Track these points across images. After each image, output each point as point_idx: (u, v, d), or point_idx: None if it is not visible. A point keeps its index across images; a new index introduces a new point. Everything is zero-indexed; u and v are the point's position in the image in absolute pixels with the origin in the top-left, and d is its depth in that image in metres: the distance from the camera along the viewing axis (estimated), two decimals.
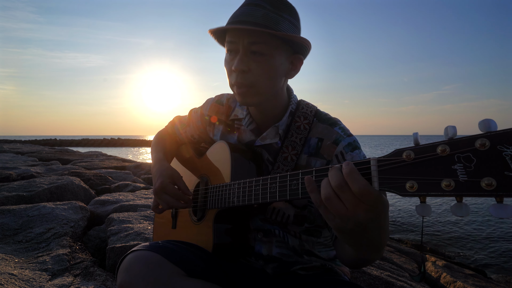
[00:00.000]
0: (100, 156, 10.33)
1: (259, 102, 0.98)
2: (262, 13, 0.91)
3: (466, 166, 0.50)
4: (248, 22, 0.90)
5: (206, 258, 0.93)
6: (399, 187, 0.57)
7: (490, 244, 5.67)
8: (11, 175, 4.16)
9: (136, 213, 2.61)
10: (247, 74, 0.92)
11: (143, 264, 0.83)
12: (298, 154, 1.00)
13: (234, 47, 0.94)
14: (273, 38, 0.91)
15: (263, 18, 0.90)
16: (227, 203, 0.95)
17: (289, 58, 0.98)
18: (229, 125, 1.16)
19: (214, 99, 1.21)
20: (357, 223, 0.62)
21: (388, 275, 2.17)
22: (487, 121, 0.49)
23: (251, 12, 0.91)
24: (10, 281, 1.44)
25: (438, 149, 0.53)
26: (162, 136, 1.34)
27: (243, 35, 0.91)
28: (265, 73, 0.93)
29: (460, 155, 0.51)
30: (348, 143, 0.96)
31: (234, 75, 0.94)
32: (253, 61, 0.92)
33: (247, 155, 1.04)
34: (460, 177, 0.51)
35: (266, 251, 1.01)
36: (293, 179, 0.76)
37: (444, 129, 0.54)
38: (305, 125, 1.02)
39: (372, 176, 0.61)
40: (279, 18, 0.92)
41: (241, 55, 0.92)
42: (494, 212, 0.48)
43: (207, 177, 1.11)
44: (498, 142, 0.48)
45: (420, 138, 0.56)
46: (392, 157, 0.59)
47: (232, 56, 0.95)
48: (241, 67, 0.91)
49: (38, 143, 38.60)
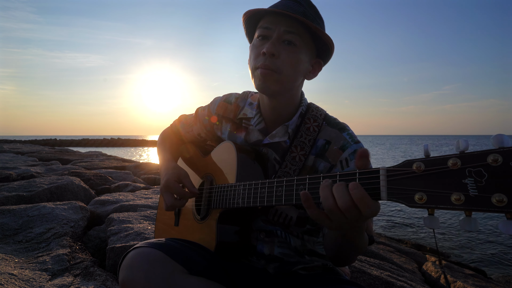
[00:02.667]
0: (100, 156, 10.34)
1: (277, 90, 0.99)
2: (302, 10, 0.96)
3: (477, 181, 0.50)
4: (286, 13, 0.94)
5: (208, 257, 0.93)
6: (408, 198, 0.57)
7: (490, 244, 5.67)
8: (11, 175, 4.16)
9: (136, 213, 2.61)
10: (276, 59, 0.95)
11: (146, 261, 0.83)
12: (306, 154, 1.00)
13: (268, 32, 0.97)
14: (306, 33, 0.97)
15: (301, 13, 0.95)
16: (231, 203, 0.95)
17: (311, 60, 1.03)
18: (237, 124, 1.16)
19: (222, 98, 1.21)
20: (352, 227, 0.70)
21: (388, 275, 2.17)
22: (500, 137, 0.49)
23: (292, 6, 0.96)
24: (10, 281, 1.44)
25: (449, 162, 0.52)
26: (168, 134, 1.34)
27: (280, 22, 0.96)
28: (291, 63, 0.96)
29: (472, 169, 0.50)
30: (354, 150, 0.97)
31: (261, 58, 0.96)
32: (283, 49, 0.96)
33: (253, 156, 1.04)
34: (471, 191, 0.50)
35: (268, 251, 1.02)
36: (300, 183, 0.76)
37: (456, 142, 0.53)
38: (314, 127, 1.03)
39: (381, 186, 0.60)
40: (316, 17, 0.99)
41: (274, 40, 0.96)
42: (504, 228, 0.47)
43: (212, 176, 1.11)
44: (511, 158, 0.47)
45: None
46: (401, 168, 0.59)
47: (264, 41, 0.98)
48: (272, 51, 0.94)
49: (38, 143, 38.60)
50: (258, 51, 0.97)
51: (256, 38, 1.01)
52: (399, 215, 7.50)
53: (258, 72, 0.97)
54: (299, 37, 0.96)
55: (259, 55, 0.97)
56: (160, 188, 1.06)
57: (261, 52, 0.96)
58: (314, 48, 1.02)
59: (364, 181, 0.64)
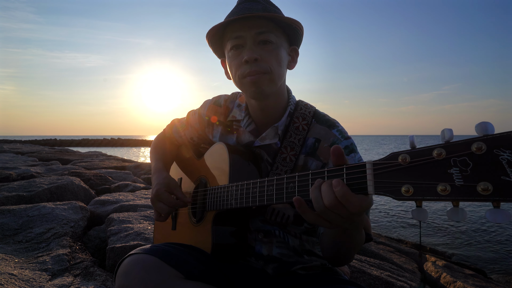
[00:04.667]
0: (100, 156, 10.33)
1: (272, 91, 0.99)
2: (262, 6, 0.96)
3: (462, 170, 0.49)
4: (251, 16, 0.93)
5: (205, 260, 0.93)
6: (395, 191, 0.57)
7: (490, 244, 5.67)
8: (11, 175, 4.16)
9: (136, 213, 2.61)
10: (260, 62, 0.94)
11: (141, 268, 0.83)
12: (296, 155, 1.00)
13: (240, 41, 0.96)
14: (275, 26, 0.97)
15: (263, 10, 0.94)
16: (225, 205, 0.95)
17: (288, 49, 1.03)
18: (228, 126, 1.16)
19: (212, 101, 1.21)
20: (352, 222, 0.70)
21: (388, 275, 2.17)
22: (484, 124, 0.48)
23: (250, 6, 0.95)
24: (10, 281, 1.44)
25: (434, 153, 0.52)
26: (162, 140, 1.34)
27: (249, 27, 0.94)
28: (276, 60, 0.96)
29: (456, 159, 0.50)
30: (345, 146, 0.97)
31: (246, 67, 0.95)
32: (262, 50, 0.95)
33: (245, 156, 1.04)
34: (456, 181, 0.50)
35: (266, 252, 1.02)
36: (290, 181, 0.76)
37: (441, 132, 0.53)
38: (303, 126, 1.03)
39: (368, 180, 0.60)
40: (276, 10, 0.99)
41: (250, 45, 0.95)
42: (491, 217, 0.47)
43: (206, 178, 1.11)
44: (495, 145, 0.47)
45: (418, 139, 0.56)
46: (387, 161, 0.58)
47: (239, 50, 0.97)
48: (254, 56, 0.93)
49: (38, 143, 38.60)
50: (239, 61, 0.96)
51: (230, 50, 0.99)
52: (400, 215, 7.50)
53: (247, 80, 0.96)
54: (271, 33, 0.95)
55: (241, 65, 0.96)
56: (151, 199, 1.06)
57: (242, 61, 0.94)
58: (286, 37, 1.02)
59: (351, 175, 0.63)
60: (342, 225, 0.69)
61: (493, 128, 0.48)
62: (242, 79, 0.97)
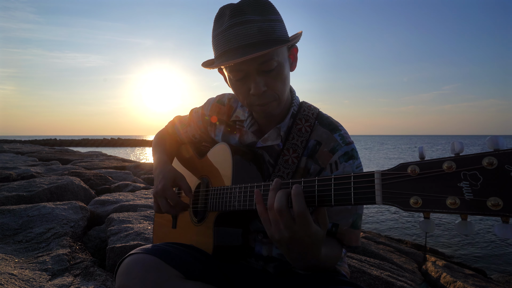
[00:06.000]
0: (100, 156, 10.33)
1: (281, 110, 1.00)
2: (256, 28, 0.86)
3: (472, 184, 0.49)
4: (249, 45, 0.86)
5: (205, 260, 0.93)
6: (403, 202, 0.56)
7: (490, 244, 5.67)
8: (11, 175, 4.16)
9: (136, 213, 2.61)
10: (268, 92, 0.92)
11: (141, 267, 0.83)
12: (299, 157, 0.99)
13: (244, 73, 0.91)
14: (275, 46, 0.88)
15: (260, 34, 0.86)
16: (227, 206, 0.94)
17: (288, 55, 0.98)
18: (230, 126, 1.15)
19: (215, 99, 1.21)
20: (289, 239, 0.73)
21: (388, 275, 2.17)
22: (495, 138, 0.48)
23: (245, 31, 0.86)
24: (10, 281, 1.44)
25: (444, 166, 0.52)
26: (163, 136, 1.33)
27: (252, 60, 0.88)
28: (282, 84, 0.94)
29: (467, 172, 0.50)
30: (344, 152, 0.96)
31: (254, 98, 0.93)
32: (267, 77, 0.91)
33: (248, 157, 1.03)
34: (466, 195, 0.49)
35: (266, 252, 1.02)
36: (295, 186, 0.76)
37: (451, 144, 0.52)
38: (306, 128, 1.02)
39: (376, 189, 0.60)
40: (271, 24, 0.89)
41: (255, 77, 0.90)
42: (499, 232, 0.47)
43: (208, 178, 1.10)
44: (506, 161, 0.47)
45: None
46: (396, 171, 0.58)
47: (244, 81, 0.93)
48: (261, 90, 0.90)
49: (38, 143, 38.60)
50: (245, 91, 0.93)
51: (231, 78, 0.94)
52: (399, 215, 7.50)
53: (257, 109, 0.96)
54: (274, 60, 0.89)
55: (247, 95, 0.94)
56: (156, 192, 1.02)
57: (249, 94, 0.93)
58: (285, 47, 0.95)
59: (359, 184, 0.63)
60: (278, 240, 0.75)
61: (504, 143, 0.48)
62: (251, 106, 0.97)
